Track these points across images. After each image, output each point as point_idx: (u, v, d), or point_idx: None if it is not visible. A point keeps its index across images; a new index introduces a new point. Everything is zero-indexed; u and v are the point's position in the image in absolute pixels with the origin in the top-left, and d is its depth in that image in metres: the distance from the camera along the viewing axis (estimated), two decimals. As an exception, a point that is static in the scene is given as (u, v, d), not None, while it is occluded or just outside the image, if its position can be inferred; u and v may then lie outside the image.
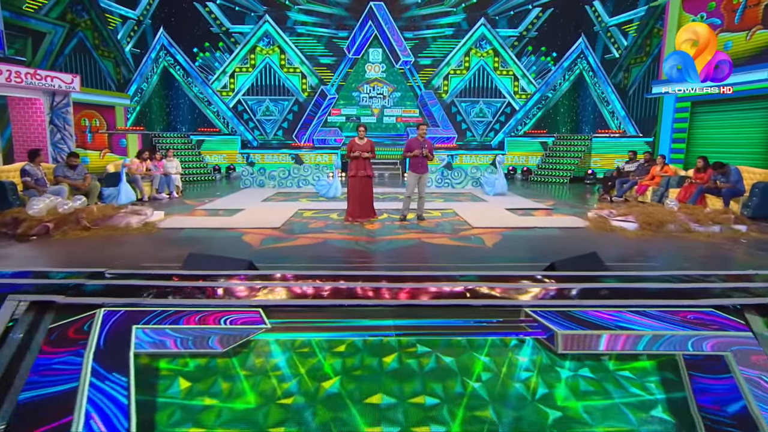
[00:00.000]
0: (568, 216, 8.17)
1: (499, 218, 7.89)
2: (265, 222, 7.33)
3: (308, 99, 18.19)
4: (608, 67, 16.06)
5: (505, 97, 18.37)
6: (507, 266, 5.03)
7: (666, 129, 13.38)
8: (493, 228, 7.01)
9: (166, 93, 17.22)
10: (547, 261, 5.15)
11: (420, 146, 7.46)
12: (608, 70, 16.07)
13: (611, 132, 15.49)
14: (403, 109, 18.47)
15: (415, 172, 7.56)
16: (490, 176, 11.33)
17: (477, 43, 18.13)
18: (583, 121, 17.67)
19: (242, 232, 6.67)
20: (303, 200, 10.31)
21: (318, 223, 7.49)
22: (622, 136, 14.99)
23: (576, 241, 6.26)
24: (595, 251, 4.23)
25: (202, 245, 5.84)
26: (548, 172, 15.20)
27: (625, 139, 14.77)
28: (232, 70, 17.75)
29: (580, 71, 17.54)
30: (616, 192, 10.24)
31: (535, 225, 7.19)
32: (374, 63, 18.24)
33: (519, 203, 9.81)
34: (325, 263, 5.18)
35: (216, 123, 17.77)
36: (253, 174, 12.56)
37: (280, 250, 5.72)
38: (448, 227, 7.16)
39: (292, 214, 8.23)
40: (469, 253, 5.61)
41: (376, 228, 7.08)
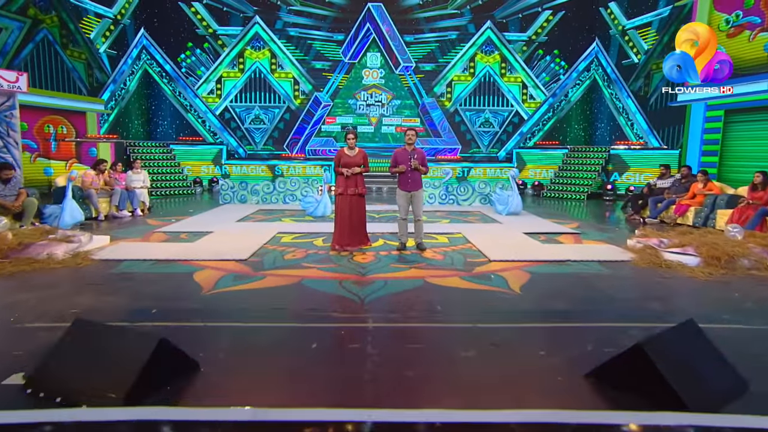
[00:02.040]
0: (601, 243, 6.72)
1: (519, 246, 6.44)
2: (231, 251, 5.88)
3: (301, 106, 16.86)
4: (626, 73, 14.74)
5: (512, 106, 17.05)
6: (553, 327, 3.56)
7: (694, 140, 12.00)
8: (516, 262, 5.56)
9: (146, 99, 15.86)
10: (602, 316, 3.73)
11: (408, 158, 6.05)
12: (626, 77, 14.75)
13: (631, 143, 14.11)
14: (402, 117, 17.14)
15: (404, 190, 6.14)
16: (502, 193, 9.91)
17: (483, 48, 16.85)
18: (597, 131, 16.31)
19: (197, 266, 5.21)
20: (286, 220, 8.87)
21: (297, 252, 6.04)
22: (644, 148, 13.60)
23: (628, 283, 4.81)
24: (691, 318, 2.77)
25: (131, 289, 4.37)
26: (563, 187, 13.79)
27: (647, 152, 13.38)
28: (218, 74, 16.43)
29: (593, 78, 16.22)
30: (650, 212, 8.80)
31: (567, 257, 5.74)
32: (372, 68, 16.95)
33: (538, 225, 8.37)
34: (292, 321, 3.72)
35: (201, 132, 16.41)
36: (234, 188, 11.12)
37: (236, 295, 4.26)
38: (459, 260, 5.71)
39: (268, 239, 6.78)
40: (492, 301, 4.15)
41: (368, 261, 5.63)
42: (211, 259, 5.48)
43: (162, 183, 13.24)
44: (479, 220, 9.17)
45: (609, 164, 13.72)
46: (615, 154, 13.75)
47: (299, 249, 6.24)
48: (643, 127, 14.21)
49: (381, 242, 6.75)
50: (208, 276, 4.82)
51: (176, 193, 13.34)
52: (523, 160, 15.65)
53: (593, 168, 13.66)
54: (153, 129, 16.10)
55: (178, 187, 13.48)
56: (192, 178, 14.32)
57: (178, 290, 4.36)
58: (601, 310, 3.98)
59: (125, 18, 14.59)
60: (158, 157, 13.97)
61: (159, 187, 13.09)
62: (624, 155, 13.64)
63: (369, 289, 4.45)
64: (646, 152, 13.41)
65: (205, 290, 4.35)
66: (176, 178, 13.72)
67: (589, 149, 14.37)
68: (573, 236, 7.34)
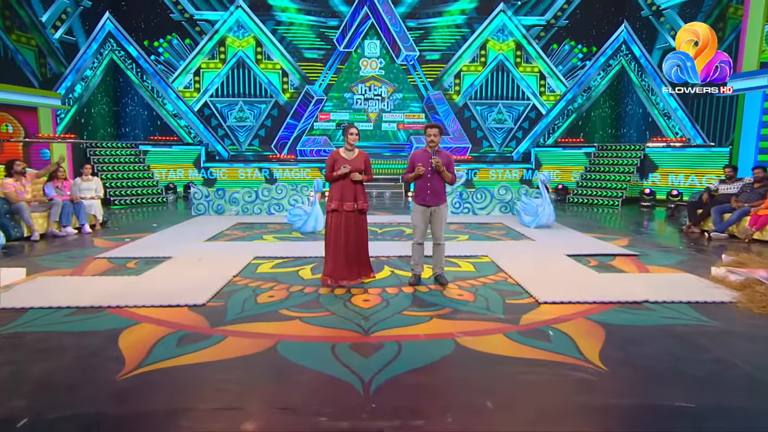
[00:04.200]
0: (674, 271, 5.38)
1: (570, 278, 5.09)
2: (186, 290, 4.51)
3: (290, 101, 15.49)
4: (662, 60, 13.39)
5: (529, 99, 15.71)
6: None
7: (749, 136, 10.68)
8: (575, 305, 4.21)
9: (113, 93, 14.46)
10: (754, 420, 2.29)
11: (429, 162, 4.72)
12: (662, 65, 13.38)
13: (669, 140, 12.79)
14: (405, 113, 15.80)
15: (422, 204, 4.79)
16: (529, 201, 8.56)
17: (495, 34, 15.51)
18: (627, 127, 14.98)
19: (132, 317, 3.84)
20: (267, 238, 7.50)
21: (277, 290, 4.67)
22: (686, 145, 12.27)
23: (759, 347, 3.44)
24: None
25: (6, 369, 3.00)
26: (592, 191, 12.45)
27: (690, 149, 12.05)
28: (197, 65, 15.05)
29: (621, 66, 14.89)
30: (714, 225, 7.46)
31: (640, 295, 4.38)
32: (370, 58, 15.60)
33: (580, 243, 7.03)
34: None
35: (177, 131, 15.02)
36: (209, 197, 9.75)
37: (174, 378, 2.88)
38: (497, 302, 4.35)
39: (241, 268, 5.42)
40: (568, 386, 2.79)
41: (372, 304, 4.26)
42: (154, 305, 4.10)
43: (128, 190, 11.87)
44: (505, 235, 7.82)
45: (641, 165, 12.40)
46: (647, 153, 12.42)
47: (279, 284, 4.87)
48: (683, 121, 12.88)
49: (387, 272, 5.40)
50: (141, 337, 3.45)
51: (145, 201, 11.97)
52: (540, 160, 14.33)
53: (627, 169, 12.33)
54: (121, 127, 14.69)
55: (147, 194, 12.10)
56: (164, 184, 12.93)
57: (85, 371, 2.98)
58: (749, 410, 2.61)
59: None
60: (125, 160, 12.60)
61: (124, 195, 11.72)
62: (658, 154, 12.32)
63: (375, 361, 3.09)
64: (688, 150, 12.07)
65: (128, 368, 2.97)
66: (145, 184, 12.34)
67: (621, 147, 13.03)
68: (631, 260, 5.99)
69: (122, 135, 14.56)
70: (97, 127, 13.78)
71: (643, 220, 10.12)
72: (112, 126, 14.49)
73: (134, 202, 11.75)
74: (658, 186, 12.15)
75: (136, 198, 11.84)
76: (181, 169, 14.08)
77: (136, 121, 14.77)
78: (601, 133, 15.38)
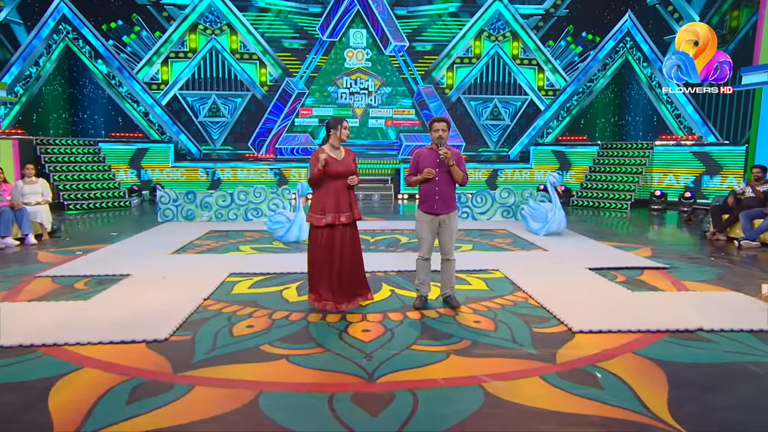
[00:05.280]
0: (716, 289, 4.91)
1: (599, 297, 4.58)
2: (145, 319, 3.85)
3: (269, 95, 14.80)
4: (670, 52, 13.10)
5: (527, 94, 15.30)
6: None
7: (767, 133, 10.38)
8: (616, 334, 3.68)
9: (68, 84, 13.57)
10: None
11: (437, 162, 4.19)
12: (670, 57, 13.10)
13: (678, 138, 12.47)
14: (394, 108, 15.24)
15: (429, 213, 4.22)
16: (537, 206, 8.06)
17: (490, 24, 15.06)
18: (631, 124, 14.66)
19: (72, 359, 3.18)
20: (245, 249, 6.84)
21: (257, 318, 4.04)
22: (698, 144, 11.95)
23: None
24: None
25: None
26: (598, 193, 12.05)
27: (701, 148, 11.73)
28: (165, 55, 14.25)
29: (625, 59, 14.57)
30: (743, 231, 7.05)
31: (695, 323, 3.87)
32: (356, 48, 15.00)
33: (598, 253, 6.55)
34: None
35: (143, 126, 14.20)
36: (177, 201, 9.03)
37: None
38: (522, 331, 3.79)
39: (213, 289, 4.77)
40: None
41: (373, 336, 3.67)
42: (102, 342, 3.44)
43: (85, 193, 11.05)
44: (513, 244, 7.30)
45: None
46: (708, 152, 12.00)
47: (260, 309, 4.25)
48: (693, 117, 12.59)
49: (386, 291, 4.82)
50: (80, 391, 2.79)
51: (105, 206, 11.15)
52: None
53: (635, 169, 11.97)
54: (78, 122, 13.78)
55: (108, 198, 11.29)
56: (127, 186, 12.13)
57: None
58: None
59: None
60: (83, 159, 11.77)
61: (80, 199, 10.90)
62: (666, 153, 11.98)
63: (387, 421, 2.50)
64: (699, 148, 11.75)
65: (58, 440, 2.32)
66: (106, 186, 11.52)
67: (627, 146, 12.66)
68: (661, 273, 5.52)
69: (80, 131, 13.67)
70: (50, 123, 12.88)
71: (660, 225, 9.73)
72: (68, 121, 13.58)
73: (92, 207, 10.93)
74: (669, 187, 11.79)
75: (94, 202, 11.02)
76: (147, 169, 13.29)
77: (95, 115, 13.89)
78: (602, 130, 15.04)
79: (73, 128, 13.68)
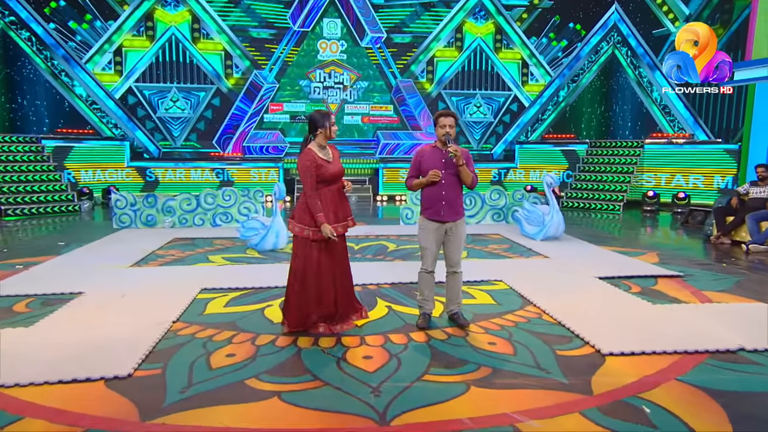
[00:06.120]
0: (738, 299, 4.74)
1: (618, 311, 4.34)
2: (103, 349, 3.37)
3: (235, 89, 14.22)
4: (659, 46, 13.19)
5: (510, 90, 15.18)
6: None
7: (762, 132, 10.49)
8: (652, 356, 3.41)
9: (5, 73, 12.67)
10: None
11: (442, 162, 3.83)
12: (658, 51, 13.20)
13: (669, 136, 12.54)
14: (371, 104, 14.88)
15: (435, 220, 3.88)
16: (533, 209, 7.84)
17: (473, 15, 14.88)
18: (619, 121, 14.71)
19: (6, 407, 2.69)
20: (215, 259, 6.36)
21: (238, 344, 3.60)
22: (690, 142, 12.03)
23: None
24: None
25: None
26: (587, 194, 11.97)
27: (693, 146, 11.80)
28: (117, 43, 13.50)
29: (612, 53, 14.62)
30: (751, 235, 6.98)
31: (734, 342, 3.64)
32: (330, 39, 14.58)
33: (604, 260, 6.35)
34: None
35: (94, 122, 13.41)
36: (135, 206, 8.43)
37: None
38: (545, 354, 3.48)
39: (184, 308, 4.30)
40: None
41: (378, 365, 3.29)
42: (49, 382, 2.95)
43: (26, 197, 10.27)
44: (510, 250, 7.03)
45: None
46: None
47: (241, 334, 3.81)
48: (682, 114, 12.66)
49: (382, 308, 4.45)
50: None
51: (50, 211, 10.39)
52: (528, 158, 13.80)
53: (625, 168, 11.95)
54: (17, 117, 12.86)
55: (54, 202, 10.53)
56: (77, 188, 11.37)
57: None
58: None
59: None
60: (23, 158, 10.96)
61: (21, 204, 10.13)
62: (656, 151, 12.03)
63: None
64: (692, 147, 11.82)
65: None
66: (51, 188, 10.75)
67: (618, 144, 12.65)
68: (676, 282, 5.33)
69: (21, 127, 12.77)
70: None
71: (657, 228, 9.67)
72: (6, 115, 12.68)
73: (35, 212, 10.16)
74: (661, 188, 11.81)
75: (37, 207, 10.24)
76: (100, 169, 12.54)
77: (38, 109, 13.01)
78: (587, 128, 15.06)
79: (11, 123, 12.77)
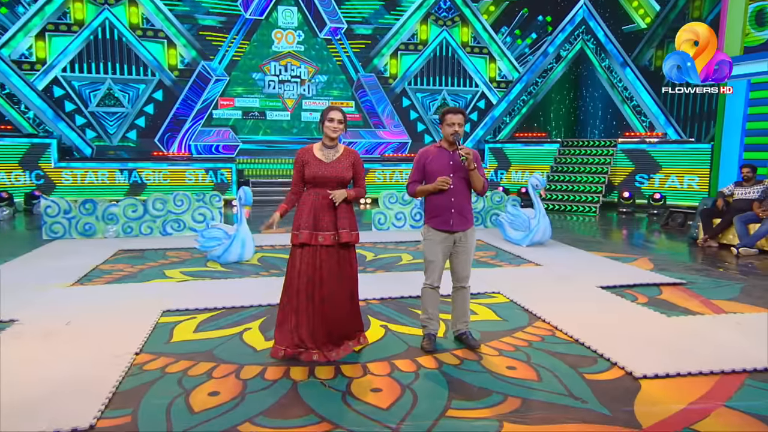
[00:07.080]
0: (751, 308, 4.75)
1: (634, 325, 4.24)
2: (50, 395, 2.90)
3: (181, 82, 13.51)
4: (629, 43, 13.55)
5: (477, 86, 15.21)
6: None
7: (733, 131, 10.90)
8: (688, 378, 3.27)
9: None
10: None
11: (450, 164, 3.61)
12: (629, 48, 13.56)
13: (640, 135, 12.85)
14: (330, 100, 14.51)
15: (443, 230, 3.64)
16: (517, 212, 7.73)
17: (437, 7, 14.81)
18: (588, 119, 15.01)
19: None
20: (173, 274, 5.84)
21: (219, 379, 3.20)
22: (663, 141, 12.36)
23: None
24: None
25: None
26: (562, 195, 12.08)
27: (667, 146, 12.13)
28: (39, 27, 12.52)
29: (580, 48, 14.89)
30: (739, 237, 7.13)
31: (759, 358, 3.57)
32: (286, 29, 14.14)
33: (599, 267, 6.30)
34: None
35: (12, 117, 12.39)
36: (69, 212, 7.72)
37: None
38: (573, 379, 3.28)
39: (146, 336, 3.83)
40: None
41: (391, 401, 2.98)
42: (-9, 443, 2.47)
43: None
44: (497, 257, 6.89)
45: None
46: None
47: (221, 365, 3.41)
48: (653, 112, 13.02)
49: (378, 330, 4.16)
50: None
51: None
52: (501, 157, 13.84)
53: (599, 169, 12.14)
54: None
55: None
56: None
57: None
58: None
59: None
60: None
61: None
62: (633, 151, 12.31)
63: None
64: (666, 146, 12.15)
65: None
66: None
67: (590, 143, 12.85)
68: (681, 291, 5.30)
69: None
70: None
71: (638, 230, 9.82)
72: None
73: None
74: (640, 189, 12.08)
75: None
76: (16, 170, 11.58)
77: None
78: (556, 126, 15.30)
79: None
